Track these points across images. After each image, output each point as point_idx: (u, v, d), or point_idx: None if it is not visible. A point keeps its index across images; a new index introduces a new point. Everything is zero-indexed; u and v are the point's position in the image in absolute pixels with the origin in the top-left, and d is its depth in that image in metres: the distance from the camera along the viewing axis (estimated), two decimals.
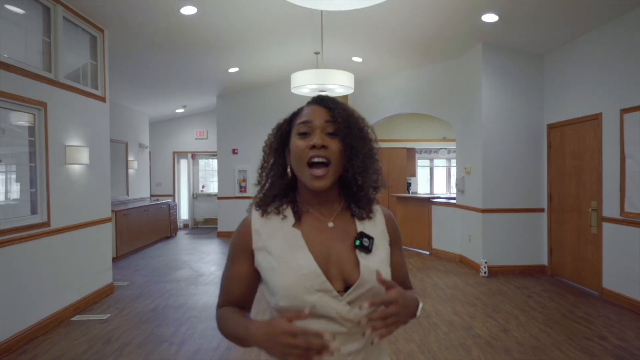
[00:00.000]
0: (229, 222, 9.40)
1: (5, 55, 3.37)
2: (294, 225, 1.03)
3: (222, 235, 9.35)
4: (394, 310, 0.89)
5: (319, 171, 0.98)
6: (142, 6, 4.48)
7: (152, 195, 10.28)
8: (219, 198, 9.50)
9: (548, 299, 4.62)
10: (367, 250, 1.01)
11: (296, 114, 1.07)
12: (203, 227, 11.29)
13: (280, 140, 1.08)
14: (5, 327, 3.27)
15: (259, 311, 3.19)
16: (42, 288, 3.76)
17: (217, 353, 3.32)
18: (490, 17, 4.84)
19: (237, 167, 9.45)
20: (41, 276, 3.74)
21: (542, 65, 5.71)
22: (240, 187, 9.49)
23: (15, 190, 3.69)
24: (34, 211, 3.75)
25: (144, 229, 7.95)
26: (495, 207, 5.70)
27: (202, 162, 11.72)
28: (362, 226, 1.05)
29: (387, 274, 1.01)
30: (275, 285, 0.97)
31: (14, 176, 3.71)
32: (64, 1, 4.07)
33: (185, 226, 11.22)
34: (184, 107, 9.92)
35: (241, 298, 1.07)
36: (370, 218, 1.07)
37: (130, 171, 8.79)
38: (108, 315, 4.19)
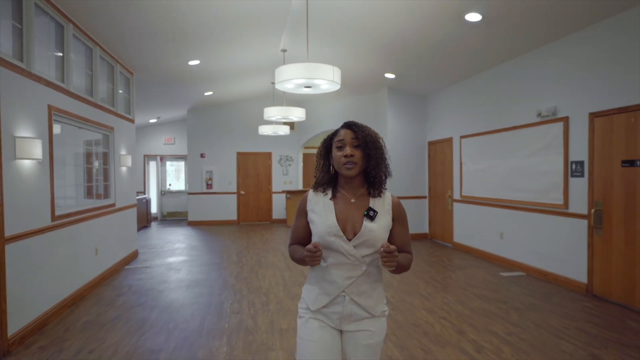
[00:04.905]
0: (198, 214, 11.59)
1: (97, 100, 5.52)
2: (330, 199, 1.68)
3: (192, 224, 11.49)
4: (392, 253, 1.50)
5: (349, 166, 1.63)
6: (161, 59, 6.71)
7: None
8: (189, 194, 11.63)
9: (423, 250, 7.61)
10: (371, 218, 1.61)
11: (334, 134, 1.72)
12: (170, 219, 13.25)
13: (326, 150, 1.74)
14: (92, 271, 5.40)
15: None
16: (112, 246, 5.92)
17: (233, 275, 5.77)
18: (390, 75, 7.75)
19: (204, 169, 11.66)
20: (111, 238, 5.90)
21: (425, 103, 8.78)
22: (207, 184, 11.70)
23: (100, 185, 5.82)
24: (106, 196, 5.90)
25: None
26: (396, 195, 8.63)
27: (168, 164, 13.66)
28: (373, 203, 1.65)
29: (383, 236, 1.62)
30: (315, 231, 1.66)
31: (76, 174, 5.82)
32: (121, 61, 6.25)
33: (155, 219, 13.10)
34: (158, 117, 11.90)
35: (302, 239, 1.76)
36: (380, 196, 1.67)
37: None
38: (148, 265, 6.42)
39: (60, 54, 4.47)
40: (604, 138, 4.50)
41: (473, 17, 4.74)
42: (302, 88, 4.81)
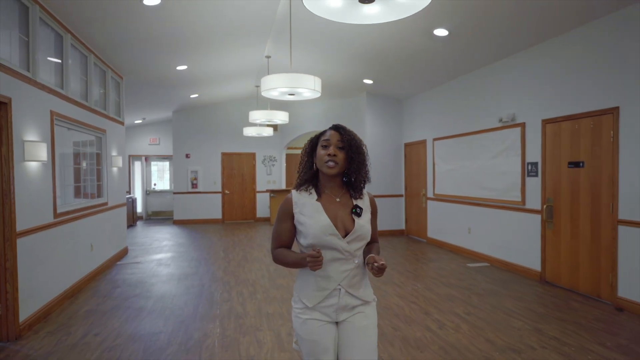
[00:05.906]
0: (184, 212, 11.87)
1: (92, 104, 5.82)
2: (317, 200, 1.76)
3: (177, 223, 11.75)
4: (383, 268, 1.63)
5: (331, 164, 1.72)
6: (150, 65, 7.03)
7: None
8: (174, 193, 11.90)
9: (399, 245, 8.13)
10: (358, 215, 1.74)
11: (321, 134, 1.80)
12: (154, 218, 13.47)
13: (311, 148, 1.82)
14: (88, 265, 5.71)
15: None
16: (105, 243, 6.22)
17: (222, 269, 6.15)
18: (368, 80, 8.24)
19: (189, 169, 11.94)
20: (104, 235, 6.21)
21: (401, 107, 9.32)
22: (192, 184, 11.99)
23: (90, 184, 6.11)
24: (99, 195, 6.20)
25: None
26: (374, 194, 9.13)
27: (152, 164, 13.86)
28: (355, 202, 1.78)
29: (367, 227, 1.76)
30: (307, 232, 1.70)
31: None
32: (112, 66, 6.55)
33: (140, 218, 13.29)
34: (144, 118, 12.12)
35: (287, 243, 1.80)
36: (361, 198, 1.80)
37: None
38: (139, 261, 6.74)
39: (59, 61, 4.78)
40: (554, 142, 5.08)
41: (441, 32, 5.25)
42: (286, 95, 5.24)
